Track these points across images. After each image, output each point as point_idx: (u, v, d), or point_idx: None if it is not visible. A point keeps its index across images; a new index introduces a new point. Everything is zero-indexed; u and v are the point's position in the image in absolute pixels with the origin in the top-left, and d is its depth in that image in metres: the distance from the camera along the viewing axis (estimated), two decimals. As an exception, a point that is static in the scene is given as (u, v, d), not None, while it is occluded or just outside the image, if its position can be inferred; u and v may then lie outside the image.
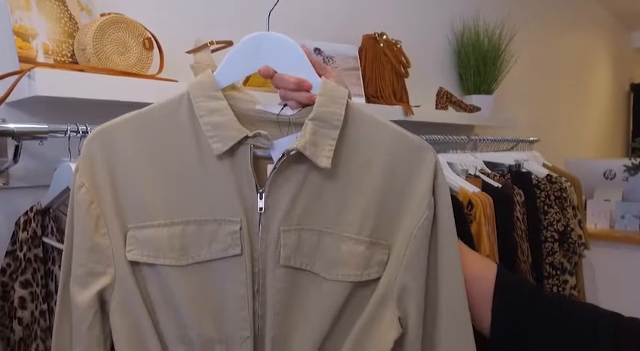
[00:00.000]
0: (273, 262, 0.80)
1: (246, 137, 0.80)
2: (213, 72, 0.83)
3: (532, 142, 2.71)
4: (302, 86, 0.82)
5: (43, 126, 1.09)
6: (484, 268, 0.85)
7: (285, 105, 0.86)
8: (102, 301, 0.81)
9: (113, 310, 0.81)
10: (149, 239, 0.80)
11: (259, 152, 0.83)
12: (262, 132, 0.80)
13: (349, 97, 0.83)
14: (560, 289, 2.20)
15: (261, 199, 0.79)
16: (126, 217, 0.81)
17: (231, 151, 0.80)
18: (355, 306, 0.82)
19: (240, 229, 0.79)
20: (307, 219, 0.80)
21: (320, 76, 0.84)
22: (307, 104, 0.84)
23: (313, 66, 0.84)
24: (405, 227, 0.81)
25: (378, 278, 0.82)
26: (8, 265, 1.25)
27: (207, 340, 0.80)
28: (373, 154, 0.82)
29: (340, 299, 0.80)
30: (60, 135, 1.10)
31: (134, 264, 0.81)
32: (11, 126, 1.06)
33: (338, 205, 0.81)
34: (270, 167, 0.81)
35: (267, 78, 0.84)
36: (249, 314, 0.79)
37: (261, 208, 0.80)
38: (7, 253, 1.26)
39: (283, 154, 0.78)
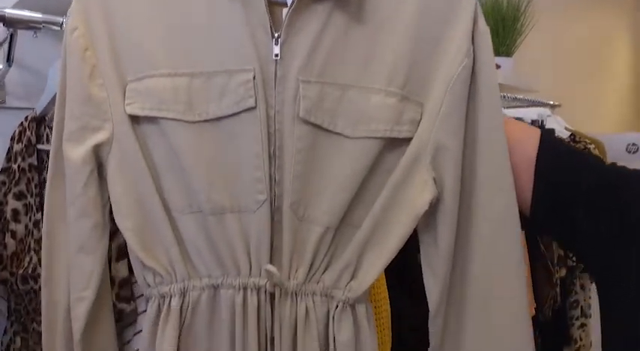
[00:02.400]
0: (291, 117, 0.70)
1: None
2: None
3: (553, 106, 2.61)
4: None
5: (37, 15, 1.01)
6: (526, 132, 0.75)
7: None
8: (99, 164, 0.73)
9: (111, 175, 0.72)
10: (151, 90, 0.70)
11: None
12: None
13: None
14: (585, 254, 2.09)
15: (276, 44, 0.70)
16: (125, 68, 0.72)
17: None
18: (383, 169, 0.73)
19: (254, 78, 0.69)
20: (330, 71, 0.71)
21: None
22: None
23: None
24: (440, 80, 0.72)
25: (409, 139, 0.72)
26: (3, 182, 1.16)
27: (218, 207, 0.71)
28: None
29: (366, 161, 0.71)
30: (55, 27, 1.02)
31: (134, 120, 0.72)
32: (5, 10, 0.98)
33: (365, 53, 0.71)
34: (286, 11, 0.71)
35: None
36: (265, 176, 0.70)
37: (276, 55, 0.70)
38: (2, 171, 1.18)
39: None
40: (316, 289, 0.72)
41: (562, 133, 2.17)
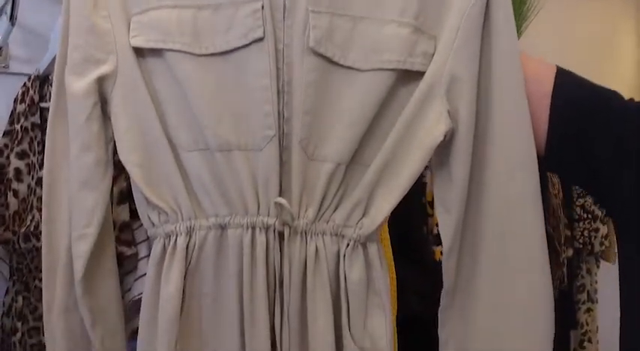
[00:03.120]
0: (301, 49, 0.68)
1: None
2: None
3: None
4: None
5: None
6: (542, 67, 0.73)
7: None
8: (103, 100, 0.71)
9: (115, 110, 0.70)
10: (156, 22, 0.69)
11: None
12: None
13: None
14: (592, 237, 2.07)
15: None
16: (130, 2, 0.70)
17: None
18: (395, 104, 0.71)
19: (262, 7, 0.68)
20: (340, 1, 0.69)
21: None
22: None
23: None
24: (454, 13, 0.70)
25: (422, 73, 0.70)
26: (5, 145, 1.15)
27: (225, 143, 0.69)
28: None
29: (378, 94, 0.69)
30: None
31: (139, 54, 0.70)
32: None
33: None
34: None
35: None
36: (274, 110, 0.68)
37: None
38: (5, 134, 1.17)
39: None
40: (326, 229, 0.70)
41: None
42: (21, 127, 1.11)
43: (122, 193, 0.82)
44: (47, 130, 0.74)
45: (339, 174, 0.70)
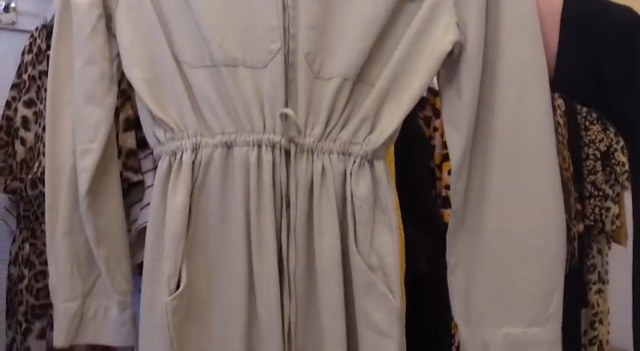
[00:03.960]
0: None
1: None
2: None
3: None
4: None
5: None
6: None
7: None
8: (108, 15, 0.71)
9: (120, 25, 0.70)
10: None
11: None
12: None
13: None
14: (603, 216, 2.05)
15: None
16: None
17: None
18: (402, 18, 0.70)
19: None
20: None
21: None
22: None
23: None
24: None
25: None
26: (13, 98, 1.16)
27: (231, 58, 0.68)
28: None
29: (385, 8, 0.68)
30: None
31: None
32: None
33: None
34: None
35: None
36: (279, 24, 0.68)
37: None
38: (13, 87, 1.17)
39: None
40: (333, 148, 0.69)
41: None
42: (28, 76, 1.11)
43: (128, 121, 0.81)
44: (51, 51, 0.74)
45: (346, 91, 0.69)
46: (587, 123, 2.07)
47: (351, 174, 0.69)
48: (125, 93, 0.71)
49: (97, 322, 0.77)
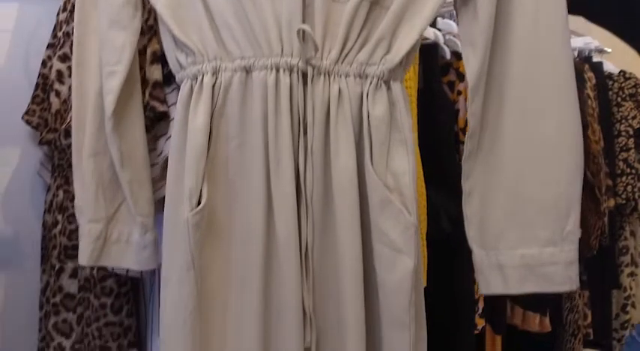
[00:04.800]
0: None
1: None
2: None
3: (601, 51, 2.52)
4: None
5: None
6: None
7: None
8: None
9: None
10: None
11: None
12: None
13: None
14: (635, 195, 2.01)
15: None
16: None
17: None
18: None
19: None
20: None
21: None
22: None
23: None
24: None
25: None
26: (49, 57, 1.21)
27: None
28: None
29: None
30: None
31: None
32: None
33: None
34: None
35: None
36: None
37: None
38: (48, 46, 1.22)
39: None
40: (349, 71, 0.71)
41: (611, 68, 2.11)
42: (63, 33, 1.16)
43: (155, 54, 0.85)
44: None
45: (362, 12, 0.70)
46: (620, 99, 2.04)
47: (367, 95, 0.71)
48: (152, 28, 0.75)
49: (120, 246, 0.81)
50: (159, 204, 0.89)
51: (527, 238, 0.72)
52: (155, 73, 0.84)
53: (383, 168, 0.71)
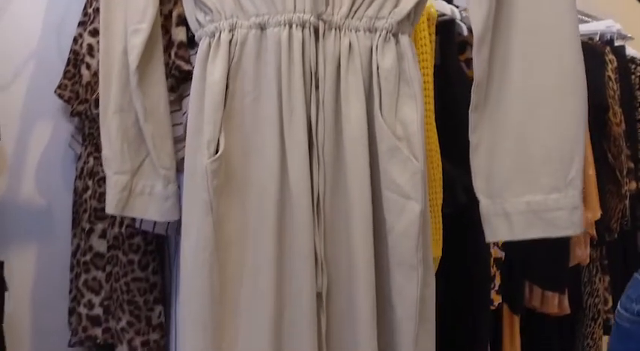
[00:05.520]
0: None
1: None
2: None
3: (625, 38, 2.50)
4: None
5: None
6: None
7: None
8: None
9: None
10: None
11: None
12: None
13: None
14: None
15: None
16: None
17: None
18: None
19: None
20: None
21: None
22: None
23: None
24: None
25: None
26: (80, 34, 1.26)
27: None
28: None
29: None
30: None
31: None
32: None
33: None
34: None
35: None
36: None
37: None
38: (79, 24, 1.27)
39: None
40: (359, 25, 0.74)
41: (633, 52, 2.09)
42: (93, 9, 1.21)
43: (180, 17, 0.91)
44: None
45: None
46: (642, 84, 2.03)
47: (376, 48, 0.74)
48: (177, -7, 0.80)
49: (144, 198, 0.86)
50: (182, 163, 0.93)
51: (532, 186, 0.74)
52: (180, 34, 0.90)
53: (392, 118, 0.74)
